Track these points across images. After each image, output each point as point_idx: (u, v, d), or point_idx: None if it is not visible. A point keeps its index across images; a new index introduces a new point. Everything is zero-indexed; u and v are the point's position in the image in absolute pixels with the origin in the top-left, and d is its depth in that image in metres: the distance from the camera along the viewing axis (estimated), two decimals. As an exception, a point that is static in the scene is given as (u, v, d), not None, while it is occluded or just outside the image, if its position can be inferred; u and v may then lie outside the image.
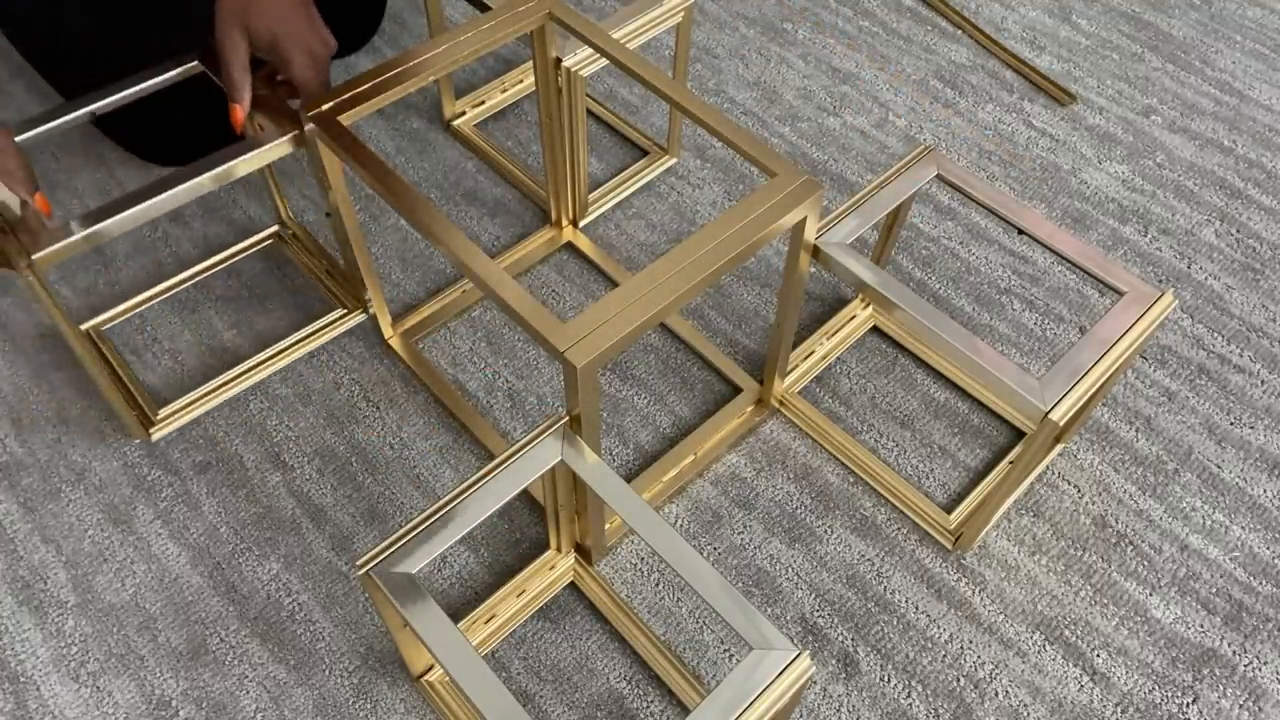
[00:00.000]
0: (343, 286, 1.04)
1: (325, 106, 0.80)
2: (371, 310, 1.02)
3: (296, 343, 1.01)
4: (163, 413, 0.96)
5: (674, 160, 1.19)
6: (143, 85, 0.87)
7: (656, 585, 0.86)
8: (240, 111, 0.82)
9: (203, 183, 0.81)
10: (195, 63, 0.90)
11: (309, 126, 0.81)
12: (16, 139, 0.85)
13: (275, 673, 0.82)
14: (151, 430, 0.95)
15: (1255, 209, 1.14)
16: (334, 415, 0.97)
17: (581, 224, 1.12)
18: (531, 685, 0.81)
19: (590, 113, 1.26)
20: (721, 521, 0.90)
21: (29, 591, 0.87)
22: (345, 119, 0.80)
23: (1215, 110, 1.25)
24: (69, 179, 1.17)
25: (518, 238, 1.11)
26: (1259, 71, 1.30)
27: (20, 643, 0.84)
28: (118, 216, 0.78)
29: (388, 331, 1.02)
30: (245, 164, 0.83)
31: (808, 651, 0.61)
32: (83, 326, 1.02)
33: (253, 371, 0.99)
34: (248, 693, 0.81)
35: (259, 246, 1.10)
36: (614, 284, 1.07)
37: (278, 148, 0.84)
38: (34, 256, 0.76)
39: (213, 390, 0.97)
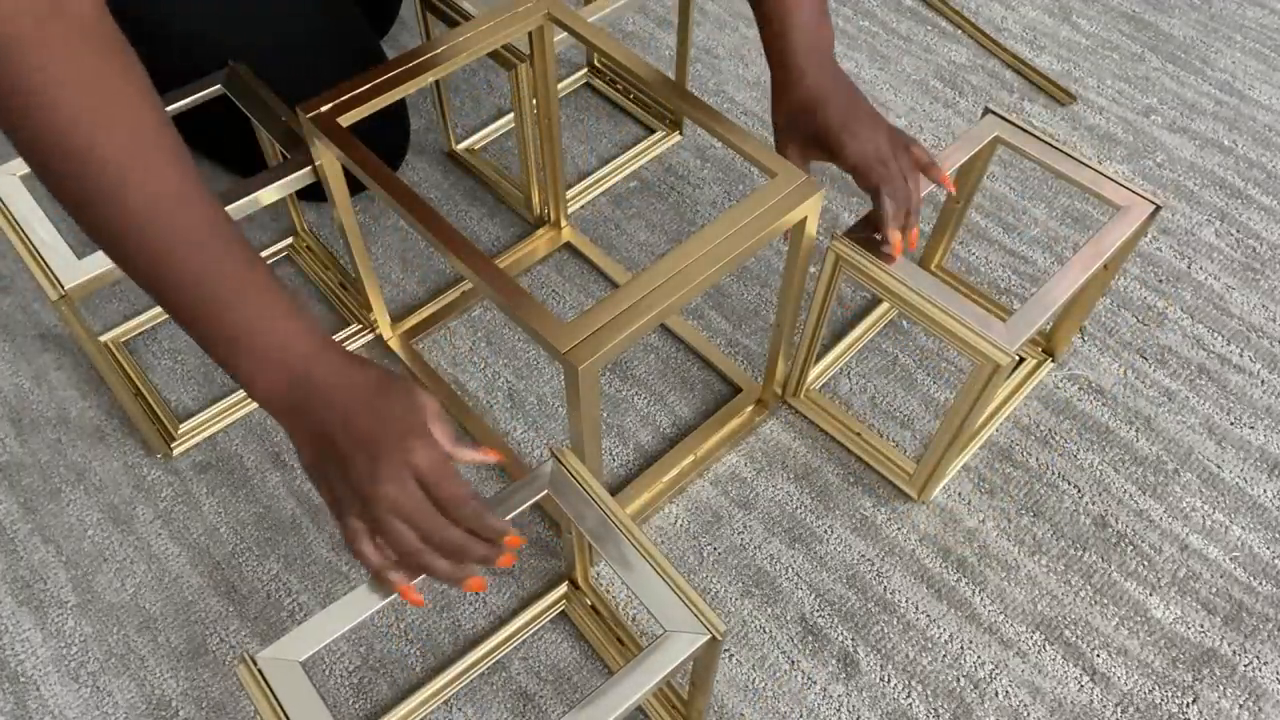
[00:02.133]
0: (355, 299, 1.04)
1: (325, 107, 0.80)
2: (378, 330, 1.02)
3: None
4: (183, 428, 0.96)
5: (679, 138, 1.21)
6: (170, 108, 0.90)
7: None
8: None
9: (230, 212, 0.82)
10: (218, 86, 0.93)
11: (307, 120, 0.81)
12: (18, 175, 0.84)
13: (275, 673, 0.82)
14: (173, 445, 0.94)
15: (1255, 209, 1.14)
16: (334, 415, 0.97)
17: (585, 202, 1.14)
18: (531, 685, 0.81)
19: (596, 90, 1.27)
20: (721, 521, 0.90)
21: (29, 591, 0.87)
22: (345, 119, 0.80)
23: (1215, 110, 1.25)
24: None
25: (518, 238, 1.11)
26: (1259, 71, 1.30)
27: (20, 643, 0.84)
28: None
29: (387, 332, 1.02)
30: (270, 193, 0.85)
31: (719, 634, 0.61)
32: (102, 339, 1.02)
33: None
34: (248, 693, 0.81)
35: (274, 258, 1.10)
36: (614, 284, 1.07)
37: (300, 178, 0.86)
38: (67, 287, 0.78)
39: (231, 406, 0.97)
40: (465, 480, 0.60)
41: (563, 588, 0.85)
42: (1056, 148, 0.86)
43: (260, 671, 0.60)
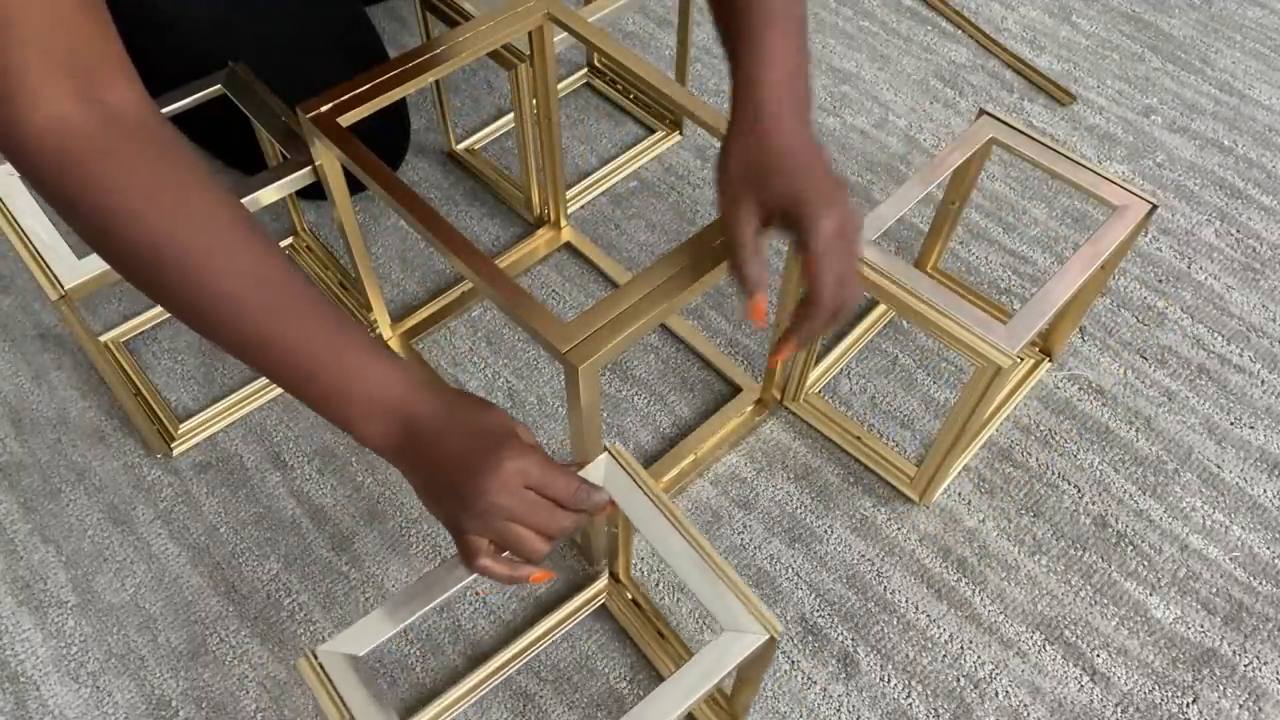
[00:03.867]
0: (355, 299, 1.04)
1: (325, 107, 0.80)
2: (378, 330, 1.02)
3: None
4: (183, 428, 0.96)
5: (679, 138, 1.21)
6: (169, 109, 0.91)
7: (657, 585, 0.87)
8: (761, 304, 0.64)
9: None
10: (218, 86, 0.93)
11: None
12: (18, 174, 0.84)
13: (275, 673, 0.82)
14: (173, 445, 0.94)
15: (1255, 209, 1.14)
16: (334, 415, 0.97)
17: (585, 202, 1.14)
18: (531, 685, 0.81)
19: (596, 90, 1.27)
20: (721, 521, 0.90)
21: (29, 591, 0.87)
22: (345, 120, 0.80)
23: (1215, 110, 1.25)
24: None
25: (518, 238, 1.11)
26: (1259, 71, 1.30)
27: (20, 643, 0.84)
28: None
29: (387, 332, 1.02)
30: (270, 193, 0.85)
31: (777, 634, 0.62)
32: (102, 339, 1.02)
33: (268, 388, 0.98)
34: (248, 693, 0.81)
35: None
36: (614, 284, 1.07)
37: (300, 178, 0.86)
38: (67, 287, 0.78)
39: (231, 406, 0.97)
40: (566, 468, 0.62)
41: (603, 581, 0.86)
42: (1051, 148, 0.86)
43: (321, 666, 0.61)
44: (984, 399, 0.77)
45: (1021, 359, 0.99)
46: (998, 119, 0.88)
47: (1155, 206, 0.83)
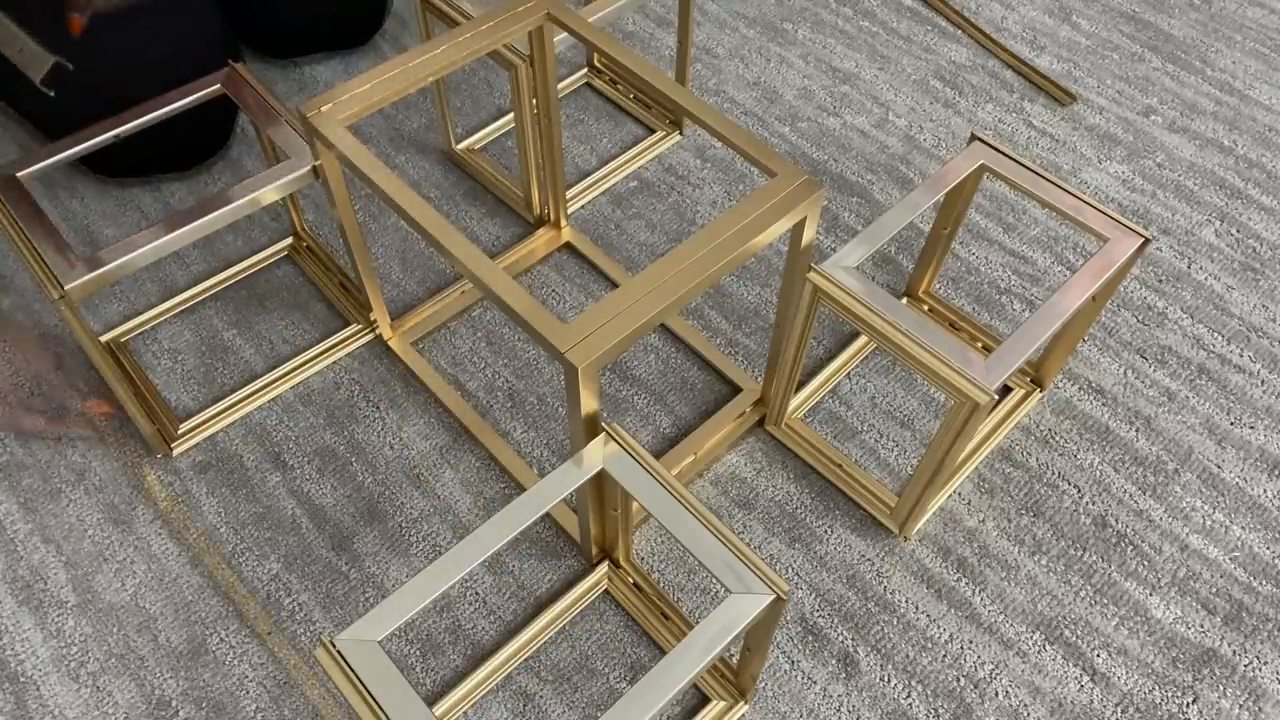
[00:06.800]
0: (354, 299, 1.04)
1: (325, 107, 0.80)
2: (378, 330, 1.02)
3: (310, 360, 1.01)
4: (183, 428, 0.96)
5: (679, 138, 1.21)
6: (170, 108, 0.91)
7: (661, 568, 0.87)
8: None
9: (227, 213, 0.83)
10: (218, 86, 0.93)
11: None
12: (18, 175, 0.84)
13: (275, 673, 0.82)
14: (173, 445, 0.95)
15: (1255, 209, 1.14)
16: (334, 415, 0.97)
17: (585, 202, 1.14)
18: (531, 685, 0.82)
19: (596, 90, 1.27)
20: (722, 521, 0.90)
21: (29, 591, 0.87)
22: (345, 119, 0.80)
23: (1215, 110, 1.25)
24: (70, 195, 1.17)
25: (518, 238, 1.11)
26: (1259, 71, 1.30)
27: (20, 643, 0.84)
28: (149, 245, 0.81)
29: (387, 333, 1.02)
30: (269, 193, 0.85)
31: (784, 594, 0.62)
32: (102, 338, 1.02)
33: (268, 389, 0.99)
34: (248, 693, 0.81)
35: (274, 258, 1.10)
36: (614, 284, 1.07)
37: (299, 178, 0.86)
38: (66, 287, 0.78)
39: (230, 406, 0.97)
40: None
41: (604, 568, 0.86)
42: (1044, 176, 0.84)
43: (340, 654, 0.60)
44: (963, 433, 0.75)
45: (1011, 388, 0.98)
46: (990, 145, 0.86)
47: (1147, 240, 0.81)
